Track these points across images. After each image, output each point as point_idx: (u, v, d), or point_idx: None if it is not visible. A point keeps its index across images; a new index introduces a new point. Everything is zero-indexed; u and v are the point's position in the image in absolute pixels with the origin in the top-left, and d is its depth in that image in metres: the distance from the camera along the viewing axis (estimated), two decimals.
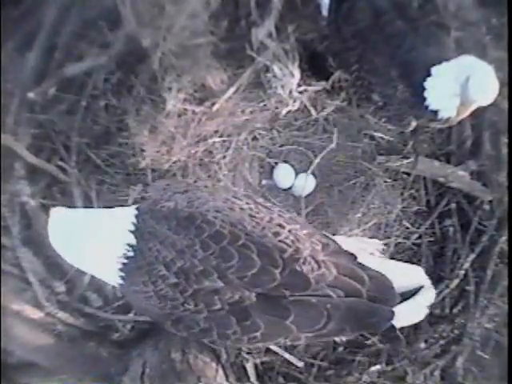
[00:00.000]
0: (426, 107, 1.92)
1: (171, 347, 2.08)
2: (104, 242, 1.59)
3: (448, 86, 1.85)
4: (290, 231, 1.60)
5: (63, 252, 1.64)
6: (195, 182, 2.14)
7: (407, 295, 1.66)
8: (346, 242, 1.76)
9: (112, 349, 2.17)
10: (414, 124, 2.27)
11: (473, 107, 1.83)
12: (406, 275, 1.72)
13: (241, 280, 1.50)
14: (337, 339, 2.02)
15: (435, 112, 1.93)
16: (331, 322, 1.54)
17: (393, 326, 1.65)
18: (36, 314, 2.14)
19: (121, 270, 1.57)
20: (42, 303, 2.15)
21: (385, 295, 1.61)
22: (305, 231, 1.65)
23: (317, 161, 2.38)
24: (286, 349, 2.17)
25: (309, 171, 2.37)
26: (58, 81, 2.40)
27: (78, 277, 2.23)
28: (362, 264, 1.65)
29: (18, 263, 2.19)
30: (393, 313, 1.61)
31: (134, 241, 1.56)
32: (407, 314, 1.68)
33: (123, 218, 1.61)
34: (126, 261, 1.56)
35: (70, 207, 1.69)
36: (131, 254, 1.56)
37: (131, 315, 2.21)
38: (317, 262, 1.57)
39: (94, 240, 1.59)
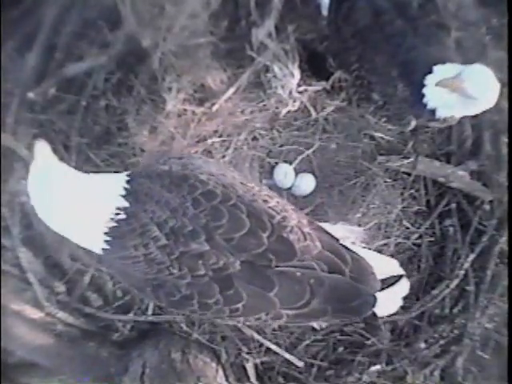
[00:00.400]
0: (425, 106, 1.92)
1: (171, 347, 2.08)
2: (91, 205, 1.53)
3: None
4: (278, 202, 1.63)
5: (40, 207, 1.56)
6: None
7: (385, 284, 1.67)
8: (329, 228, 1.76)
9: (112, 349, 2.17)
10: (413, 123, 2.27)
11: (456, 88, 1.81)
12: (383, 265, 1.73)
13: (228, 243, 1.49)
14: (316, 325, 2.02)
15: (433, 111, 1.93)
16: (314, 300, 1.53)
17: (374, 314, 1.65)
18: (36, 314, 2.14)
19: (107, 234, 1.52)
20: (42, 303, 2.15)
21: (366, 279, 1.61)
22: (292, 206, 1.67)
23: (305, 154, 2.40)
24: (286, 349, 2.17)
25: (293, 165, 2.39)
26: (57, 81, 2.40)
27: (78, 277, 2.23)
28: (345, 246, 1.66)
29: (18, 263, 2.19)
30: (375, 298, 1.61)
31: (126, 204, 1.52)
32: (385, 304, 1.68)
33: (114, 183, 1.57)
34: (115, 224, 1.51)
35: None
36: (123, 216, 1.51)
37: (131, 315, 2.21)
38: (303, 233, 1.58)
39: (80, 202, 1.52)
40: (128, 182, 1.56)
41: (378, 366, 2.17)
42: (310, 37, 2.45)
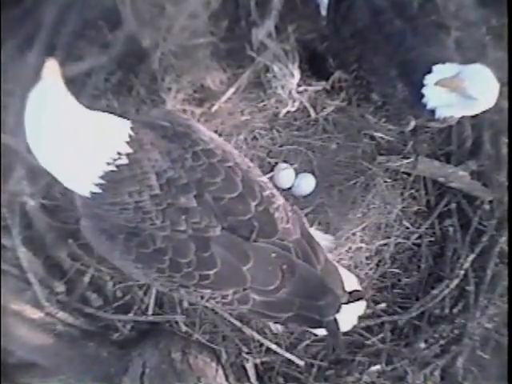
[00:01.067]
0: (424, 105, 1.92)
1: (171, 347, 2.08)
2: (89, 143, 1.43)
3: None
4: (268, 181, 1.65)
5: (32, 133, 1.42)
6: None
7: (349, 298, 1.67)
8: None
9: (112, 349, 2.17)
10: (413, 123, 2.27)
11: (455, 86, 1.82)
12: (347, 279, 1.75)
13: (216, 202, 1.48)
14: (273, 327, 2.02)
15: (432, 111, 1.93)
16: (284, 288, 1.53)
17: (336, 321, 1.63)
18: (36, 314, 2.14)
19: (102, 177, 1.45)
20: (41, 303, 2.14)
21: (335, 284, 1.62)
22: (279, 192, 1.67)
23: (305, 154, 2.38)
24: (286, 349, 2.17)
25: (293, 165, 2.36)
26: None
27: (78, 277, 2.23)
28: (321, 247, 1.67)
29: (18, 263, 2.19)
30: (340, 305, 1.61)
31: (129, 149, 1.46)
32: (342, 318, 1.67)
33: (118, 127, 1.51)
34: (113, 169, 1.44)
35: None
36: (124, 161, 1.45)
37: (131, 315, 2.21)
38: (287, 215, 1.58)
39: (78, 137, 1.41)
40: (132, 128, 1.50)
41: (377, 366, 2.17)
42: (309, 37, 2.45)
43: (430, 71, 1.86)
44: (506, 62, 2.21)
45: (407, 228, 2.38)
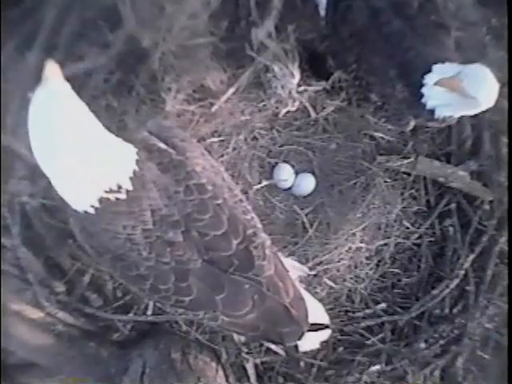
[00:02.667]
0: (424, 105, 1.92)
1: (171, 347, 2.08)
2: (94, 164, 1.43)
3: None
4: (252, 217, 1.71)
5: (36, 139, 1.39)
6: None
7: (312, 328, 1.77)
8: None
9: (112, 349, 2.17)
10: (412, 123, 2.27)
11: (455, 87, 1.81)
12: (315, 310, 1.84)
13: (202, 238, 1.55)
14: (236, 337, 2.12)
15: (432, 111, 1.93)
16: (252, 314, 1.62)
17: (296, 347, 1.79)
18: (36, 314, 2.14)
19: (99, 201, 1.47)
20: (41, 303, 2.14)
21: (301, 316, 1.71)
22: (261, 226, 1.74)
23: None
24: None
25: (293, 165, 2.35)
26: None
27: (78, 277, 2.23)
28: (294, 282, 1.77)
29: (18, 263, 2.19)
30: (303, 333, 1.73)
31: (130, 186, 1.48)
32: (304, 342, 1.80)
33: (125, 158, 1.51)
34: (112, 199, 1.47)
35: None
36: (123, 196, 1.48)
37: (131, 315, 2.21)
38: (264, 252, 1.65)
39: (83, 154, 1.40)
40: (137, 162, 1.52)
41: (377, 366, 2.17)
42: (309, 37, 2.44)
43: (429, 71, 1.86)
44: (506, 62, 2.21)
45: (407, 228, 2.38)
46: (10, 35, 2.32)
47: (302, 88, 2.39)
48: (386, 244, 2.35)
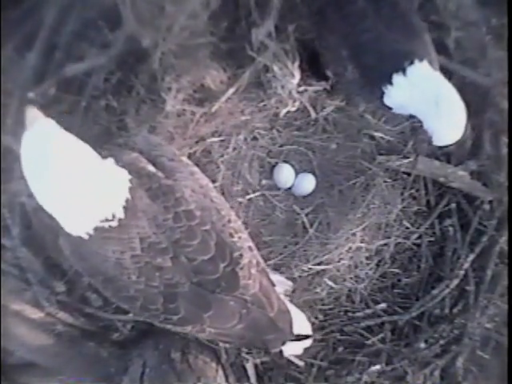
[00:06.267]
0: (381, 97, 1.90)
1: (171, 347, 2.08)
2: (89, 193, 1.47)
3: (409, 99, 1.84)
4: (240, 238, 1.75)
5: (32, 174, 1.44)
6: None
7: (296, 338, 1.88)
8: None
9: (112, 349, 2.17)
10: (363, 106, 2.31)
11: None
12: (299, 321, 1.92)
13: (190, 262, 1.60)
14: (221, 345, 2.16)
15: (390, 108, 1.93)
16: (239, 325, 1.70)
17: (281, 352, 1.89)
18: (36, 314, 2.14)
19: (94, 230, 1.53)
20: (41, 303, 2.14)
21: (285, 327, 1.81)
22: (249, 244, 1.81)
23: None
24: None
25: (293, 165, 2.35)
26: (58, 81, 2.39)
27: (78, 277, 2.23)
28: (278, 295, 1.85)
29: (18, 263, 2.19)
30: (286, 341, 1.83)
31: (122, 215, 1.53)
32: (288, 347, 1.91)
33: (118, 186, 1.55)
34: (106, 227, 1.52)
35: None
36: (114, 224, 1.53)
37: (131, 315, 2.21)
38: (249, 272, 1.73)
39: (78, 185, 1.45)
40: (130, 190, 1.56)
41: (377, 366, 2.17)
42: (309, 37, 2.44)
43: (390, 81, 1.83)
44: (506, 62, 2.21)
45: (407, 228, 2.38)
46: (10, 35, 2.32)
47: (302, 88, 2.39)
48: (386, 244, 2.35)
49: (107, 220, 1.53)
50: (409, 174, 2.38)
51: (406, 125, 2.38)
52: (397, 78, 1.83)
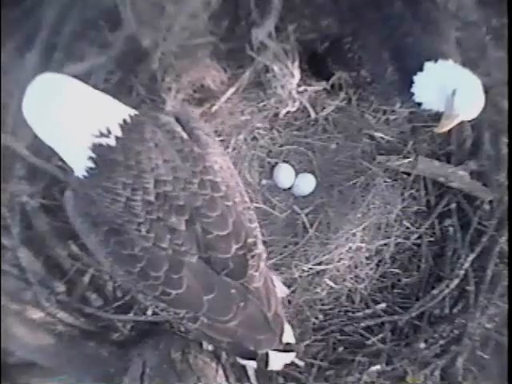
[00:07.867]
0: (411, 95, 1.93)
1: (171, 347, 2.08)
2: (84, 116, 1.48)
3: (435, 87, 1.87)
4: (256, 227, 1.72)
5: (31, 108, 1.47)
6: None
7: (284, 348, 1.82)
8: None
9: (112, 349, 2.17)
10: (398, 105, 2.31)
11: (456, 121, 1.84)
12: (287, 332, 1.85)
13: (204, 234, 1.54)
14: (204, 346, 2.10)
15: (419, 104, 1.94)
16: (233, 320, 1.62)
17: (267, 356, 1.79)
18: (36, 314, 2.14)
19: (93, 150, 1.48)
20: (42, 303, 2.14)
21: (277, 331, 1.74)
22: (261, 238, 1.75)
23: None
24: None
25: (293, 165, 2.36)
26: None
27: (78, 277, 2.23)
28: (277, 297, 1.80)
29: (18, 263, 2.19)
30: (276, 342, 1.75)
31: (119, 133, 1.49)
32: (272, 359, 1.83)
33: (116, 109, 1.55)
34: (103, 143, 1.48)
35: None
36: (112, 142, 1.49)
37: (131, 315, 2.21)
38: (258, 264, 1.67)
39: (73, 110, 1.46)
40: (133, 117, 1.53)
41: (377, 366, 2.17)
42: (310, 37, 2.44)
43: (421, 64, 1.85)
44: (506, 62, 2.21)
45: (407, 228, 2.38)
46: (10, 35, 2.32)
47: (302, 88, 2.39)
48: (385, 244, 2.35)
49: (102, 135, 1.47)
50: (409, 174, 2.38)
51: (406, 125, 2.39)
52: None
